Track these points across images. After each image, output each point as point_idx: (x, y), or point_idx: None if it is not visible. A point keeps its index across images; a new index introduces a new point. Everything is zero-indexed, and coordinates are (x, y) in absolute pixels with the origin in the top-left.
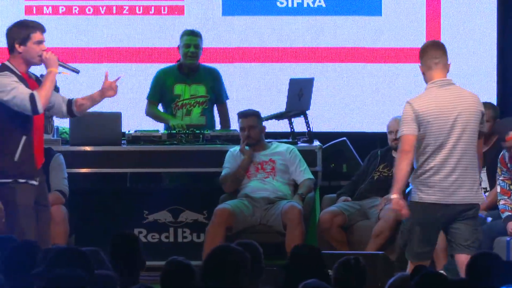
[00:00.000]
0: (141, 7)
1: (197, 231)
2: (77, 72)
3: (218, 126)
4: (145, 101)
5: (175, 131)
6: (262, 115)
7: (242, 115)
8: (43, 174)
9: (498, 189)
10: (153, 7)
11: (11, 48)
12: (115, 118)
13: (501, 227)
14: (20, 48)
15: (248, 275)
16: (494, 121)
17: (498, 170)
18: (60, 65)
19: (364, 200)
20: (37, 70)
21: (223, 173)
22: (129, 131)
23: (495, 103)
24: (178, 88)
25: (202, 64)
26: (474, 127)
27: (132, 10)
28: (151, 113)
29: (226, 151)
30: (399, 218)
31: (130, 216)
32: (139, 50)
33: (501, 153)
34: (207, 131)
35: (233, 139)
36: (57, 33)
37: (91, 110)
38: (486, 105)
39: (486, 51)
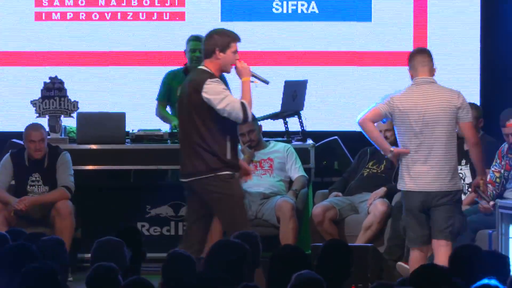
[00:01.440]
0: (144, 13)
1: None
2: (267, 83)
3: None
4: (148, 102)
5: (176, 131)
6: (259, 115)
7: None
8: None
9: (487, 178)
10: (155, 13)
11: (210, 54)
12: (120, 118)
13: (483, 220)
14: (219, 55)
15: (248, 267)
16: (477, 121)
17: (494, 162)
18: (252, 75)
19: (354, 195)
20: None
21: None
22: (132, 130)
23: (478, 103)
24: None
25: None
26: (446, 122)
27: (135, 16)
28: (159, 113)
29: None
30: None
31: (133, 211)
32: (142, 54)
33: (501, 146)
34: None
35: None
36: (65, 38)
37: (96, 110)
38: (469, 105)
39: (470, 54)
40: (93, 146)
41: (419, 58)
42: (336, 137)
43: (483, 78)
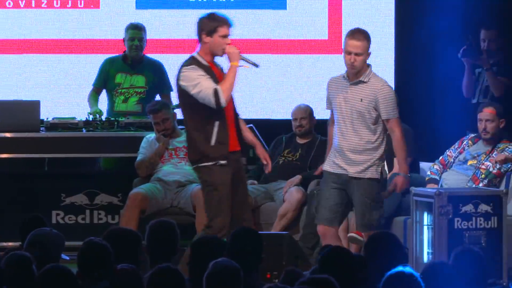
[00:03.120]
0: (59, 1)
1: (112, 213)
2: (257, 66)
3: None
4: (63, 90)
5: (91, 119)
6: (174, 104)
7: (153, 111)
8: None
9: (439, 159)
10: (70, 1)
11: (199, 38)
12: (34, 106)
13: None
14: (206, 39)
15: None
16: None
17: (452, 147)
18: (241, 59)
19: (269, 183)
20: None
21: (138, 159)
22: (47, 119)
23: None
24: (119, 77)
25: (146, 56)
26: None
27: (50, 4)
28: (89, 98)
29: (140, 138)
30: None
31: (48, 199)
32: (56, 41)
33: (467, 136)
34: (121, 118)
35: (146, 126)
36: None
37: (10, 98)
38: None
39: (384, 41)
40: (7, 134)
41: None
42: (251, 125)
43: (398, 64)
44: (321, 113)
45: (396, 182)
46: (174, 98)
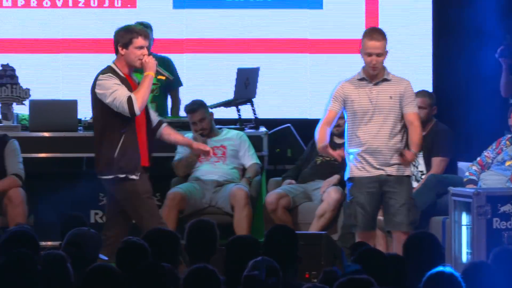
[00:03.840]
0: (96, 0)
1: None
2: (171, 79)
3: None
4: None
5: None
6: (211, 103)
7: (190, 110)
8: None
9: (477, 160)
10: (107, 0)
11: (116, 50)
12: (72, 105)
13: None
14: (122, 51)
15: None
16: (431, 108)
17: (489, 147)
18: (157, 70)
19: (307, 183)
20: None
21: (175, 158)
22: (85, 118)
23: (431, 90)
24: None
25: (154, 54)
26: None
27: (87, 3)
28: None
29: None
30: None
31: (86, 199)
32: (93, 41)
33: (505, 137)
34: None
35: (184, 126)
36: (17, 25)
37: (49, 98)
38: (422, 93)
39: (422, 41)
40: (46, 134)
41: None
42: (289, 124)
43: (435, 65)
44: None
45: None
46: (182, 94)
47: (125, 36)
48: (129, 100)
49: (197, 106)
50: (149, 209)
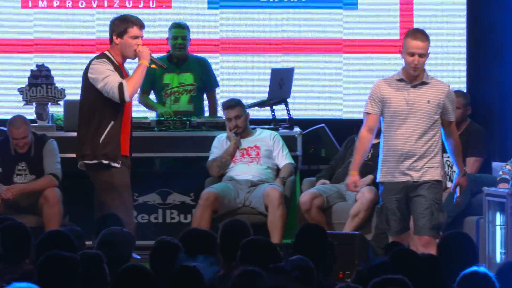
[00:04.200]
0: (131, 1)
1: (184, 212)
2: (164, 68)
3: (207, 113)
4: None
5: (163, 118)
6: (246, 103)
7: (227, 106)
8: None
9: (511, 159)
10: (142, 1)
11: (110, 39)
12: None
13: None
14: (117, 40)
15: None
16: (465, 108)
17: None
18: (151, 59)
19: (341, 183)
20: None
21: (210, 158)
22: None
23: (465, 91)
24: (167, 77)
25: (191, 54)
26: None
27: (122, 4)
28: (143, 101)
29: (212, 137)
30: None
31: None
32: None
33: None
34: (193, 118)
35: (218, 126)
36: (52, 26)
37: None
38: (457, 93)
39: (456, 41)
40: None
41: None
42: (323, 124)
43: (470, 65)
44: None
45: (460, 182)
46: (216, 94)
47: (120, 26)
48: (120, 86)
49: (234, 103)
50: (124, 201)
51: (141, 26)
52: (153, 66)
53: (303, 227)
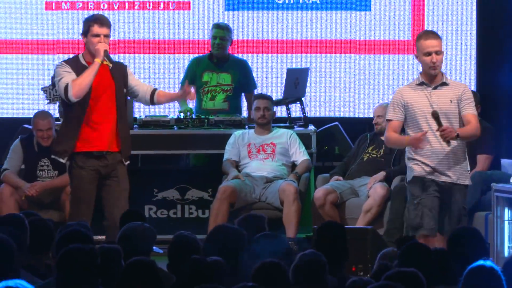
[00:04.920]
0: (151, 3)
1: (202, 208)
2: (110, 66)
3: (244, 113)
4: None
5: (183, 117)
6: None
7: (260, 96)
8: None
9: None
10: (162, 3)
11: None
12: (127, 104)
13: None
14: (84, 39)
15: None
16: (475, 107)
17: None
18: (104, 56)
19: (354, 179)
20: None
21: (224, 158)
22: (140, 116)
23: (475, 90)
24: (206, 76)
25: (232, 55)
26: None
27: (143, 6)
28: None
29: (229, 135)
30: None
31: (141, 194)
32: (148, 42)
33: None
34: (211, 116)
35: (235, 124)
36: (75, 27)
37: None
38: None
39: (466, 41)
40: None
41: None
42: (336, 122)
43: (480, 64)
44: None
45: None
46: None
47: (85, 25)
48: (66, 87)
49: (268, 96)
50: (76, 200)
51: (101, 23)
52: (105, 62)
53: (323, 225)
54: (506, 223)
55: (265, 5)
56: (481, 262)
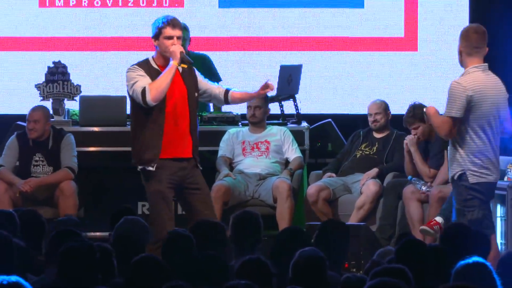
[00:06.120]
0: (145, 0)
1: None
2: (191, 63)
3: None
4: None
5: None
6: None
7: None
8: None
9: None
10: (155, 0)
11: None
12: (121, 101)
13: None
14: (155, 43)
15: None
16: None
17: None
18: (181, 58)
19: (347, 176)
20: None
21: (219, 155)
22: None
23: None
24: None
25: (192, 52)
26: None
27: (136, 3)
28: None
29: (222, 132)
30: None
31: (134, 191)
32: (141, 39)
33: None
34: (204, 113)
35: (229, 120)
36: (68, 24)
37: (98, 94)
38: None
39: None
40: (95, 128)
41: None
42: (329, 119)
43: None
44: (397, 108)
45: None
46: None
47: (155, 27)
48: (143, 91)
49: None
50: (156, 208)
51: (173, 25)
52: (183, 65)
53: (326, 223)
54: (498, 219)
55: (258, 2)
56: (473, 258)
